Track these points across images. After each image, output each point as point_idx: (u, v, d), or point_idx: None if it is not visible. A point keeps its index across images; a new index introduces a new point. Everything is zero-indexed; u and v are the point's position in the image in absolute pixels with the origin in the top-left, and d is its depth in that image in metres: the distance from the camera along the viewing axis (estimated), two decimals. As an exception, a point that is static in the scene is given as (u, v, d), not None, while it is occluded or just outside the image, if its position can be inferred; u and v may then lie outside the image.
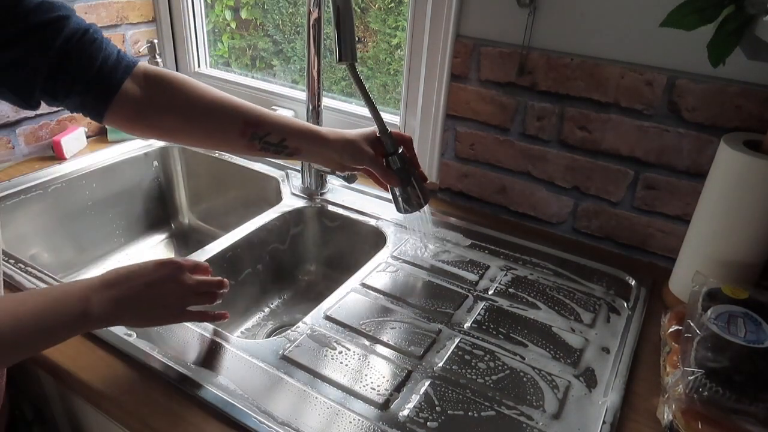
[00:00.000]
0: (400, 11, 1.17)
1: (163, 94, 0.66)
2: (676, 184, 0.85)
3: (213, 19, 1.38)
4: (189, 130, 0.69)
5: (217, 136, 0.70)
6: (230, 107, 0.69)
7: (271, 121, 0.70)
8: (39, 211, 1.03)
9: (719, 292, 0.67)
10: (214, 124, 0.68)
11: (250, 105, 0.70)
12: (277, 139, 0.70)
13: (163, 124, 0.68)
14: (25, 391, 0.83)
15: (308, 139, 0.72)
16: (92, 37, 0.62)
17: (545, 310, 0.78)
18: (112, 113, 0.64)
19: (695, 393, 0.56)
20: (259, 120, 0.69)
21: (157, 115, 0.67)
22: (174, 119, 0.67)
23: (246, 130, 0.68)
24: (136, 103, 0.64)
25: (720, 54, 0.66)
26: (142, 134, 0.69)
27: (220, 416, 0.59)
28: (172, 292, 0.63)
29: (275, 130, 0.70)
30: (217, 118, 0.68)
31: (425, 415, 0.60)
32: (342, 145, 0.72)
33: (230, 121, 0.68)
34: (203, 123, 0.68)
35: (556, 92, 0.89)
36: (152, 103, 0.65)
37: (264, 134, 0.69)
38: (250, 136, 0.69)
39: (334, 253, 1.05)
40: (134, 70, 0.65)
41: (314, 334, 0.71)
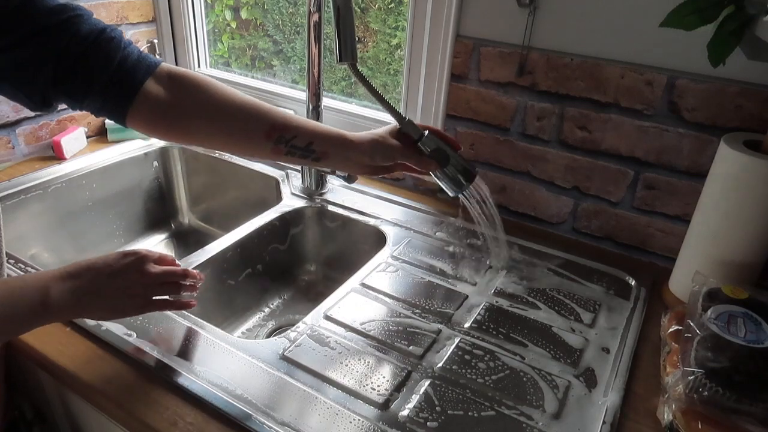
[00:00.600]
0: (400, 11, 1.17)
1: (188, 95, 0.65)
2: (676, 184, 0.85)
3: (213, 19, 1.38)
4: (215, 133, 0.67)
5: (243, 139, 0.68)
6: (256, 110, 0.67)
7: (297, 124, 0.68)
8: (39, 211, 1.03)
9: (719, 292, 0.67)
10: (239, 127, 0.67)
11: (277, 108, 0.69)
12: (304, 143, 0.68)
13: (189, 127, 0.66)
14: (25, 391, 0.83)
15: (336, 143, 0.69)
16: (109, 36, 0.61)
17: (545, 310, 0.78)
18: (134, 114, 0.63)
19: (695, 393, 0.56)
20: (285, 123, 0.67)
21: (182, 117, 0.65)
22: (199, 122, 0.66)
23: (272, 133, 0.67)
24: (160, 105, 0.63)
25: (720, 54, 0.66)
26: (166, 137, 0.68)
27: (221, 416, 0.59)
28: (135, 281, 0.62)
29: (302, 133, 0.68)
30: (242, 121, 0.67)
31: (425, 415, 0.60)
32: (370, 144, 0.70)
33: (256, 124, 0.67)
34: (229, 126, 0.67)
35: (556, 92, 0.89)
36: (178, 105, 0.64)
37: (290, 137, 0.67)
38: (276, 139, 0.67)
39: (334, 253, 1.05)
40: (157, 70, 0.63)
41: (314, 334, 0.71)
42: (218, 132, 0.67)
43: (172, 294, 0.67)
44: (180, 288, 0.67)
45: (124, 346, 0.67)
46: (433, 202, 1.06)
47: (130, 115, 0.63)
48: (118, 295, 0.62)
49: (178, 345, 0.67)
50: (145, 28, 1.28)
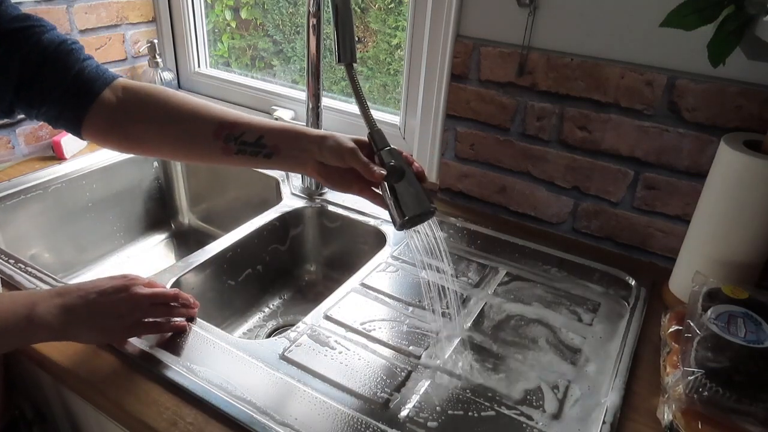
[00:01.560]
0: (400, 11, 1.17)
1: (138, 103, 0.66)
2: (676, 184, 0.85)
3: (213, 19, 1.38)
4: (165, 138, 0.67)
5: (193, 142, 0.67)
6: (205, 111, 0.67)
7: (246, 121, 0.67)
8: (39, 211, 1.03)
9: (719, 292, 0.67)
10: (189, 130, 0.66)
11: (226, 109, 0.68)
12: (254, 138, 0.66)
13: (140, 135, 0.67)
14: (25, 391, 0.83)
15: (287, 136, 0.67)
16: (69, 47, 0.62)
17: (545, 310, 0.78)
18: (89, 124, 0.64)
19: (695, 393, 0.56)
20: (234, 121, 0.67)
21: (133, 126, 0.66)
22: (149, 129, 0.66)
23: (220, 131, 0.66)
24: (111, 114, 0.64)
25: (720, 54, 0.66)
26: (118, 147, 0.68)
27: (220, 416, 0.59)
28: (124, 301, 0.62)
29: (251, 129, 0.66)
30: (191, 123, 0.66)
31: (425, 415, 0.60)
32: (321, 137, 0.66)
33: (204, 124, 0.66)
34: (178, 130, 0.66)
35: (556, 92, 0.89)
36: (129, 115, 0.65)
37: (239, 134, 0.66)
38: (225, 138, 0.66)
39: (334, 253, 1.05)
40: (113, 83, 0.65)
41: (314, 334, 0.71)
42: (168, 137, 0.67)
43: (162, 316, 0.67)
44: (171, 310, 0.67)
45: (124, 346, 0.66)
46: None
47: (85, 126, 0.64)
48: (106, 315, 0.62)
49: (179, 345, 0.67)
50: (145, 28, 1.28)
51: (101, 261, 1.15)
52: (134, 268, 1.16)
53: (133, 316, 0.64)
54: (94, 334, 0.63)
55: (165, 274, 0.80)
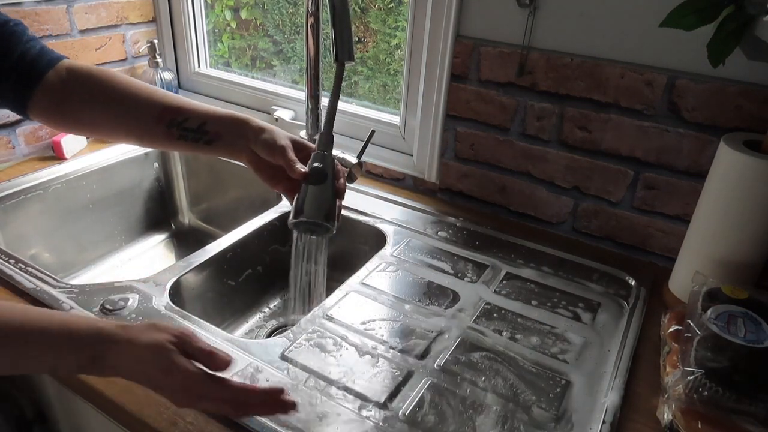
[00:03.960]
0: (400, 11, 1.17)
1: (82, 86, 0.66)
2: (676, 184, 0.85)
3: (213, 19, 1.38)
4: (108, 120, 0.68)
5: (135, 125, 0.67)
6: (148, 95, 0.68)
7: (190, 107, 0.68)
8: (39, 211, 1.03)
9: (719, 292, 0.67)
10: (131, 113, 0.67)
11: (171, 94, 0.69)
12: (196, 124, 0.67)
13: (84, 116, 0.68)
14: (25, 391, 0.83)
15: (228, 123, 0.67)
16: (11, 29, 0.62)
17: (545, 310, 0.78)
18: (34, 106, 0.64)
19: (695, 393, 0.56)
20: (178, 106, 0.67)
21: (77, 107, 0.67)
22: (92, 110, 0.67)
23: (163, 116, 0.66)
24: (56, 96, 0.65)
25: (720, 54, 0.66)
26: (64, 128, 0.69)
27: (221, 416, 0.59)
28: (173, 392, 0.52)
29: (194, 115, 0.67)
30: (134, 106, 0.67)
31: (425, 414, 0.60)
32: (260, 129, 0.67)
33: (148, 108, 0.67)
34: (121, 112, 0.67)
35: (556, 92, 0.89)
36: (72, 95, 0.66)
37: (182, 119, 0.67)
38: (168, 123, 0.66)
39: (334, 253, 1.05)
40: (58, 65, 0.65)
41: (314, 334, 0.71)
42: (111, 119, 0.68)
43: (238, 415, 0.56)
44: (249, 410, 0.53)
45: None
46: (433, 202, 1.06)
47: (31, 108, 0.64)
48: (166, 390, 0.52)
49: (178, 345, 0.67)
50: (145, 28, 1.28)
51: (101, 261, 1.15)
52: (134, 268, 1.16)
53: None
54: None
55: (165, 274, 0.80)
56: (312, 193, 0.63)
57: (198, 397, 0.51)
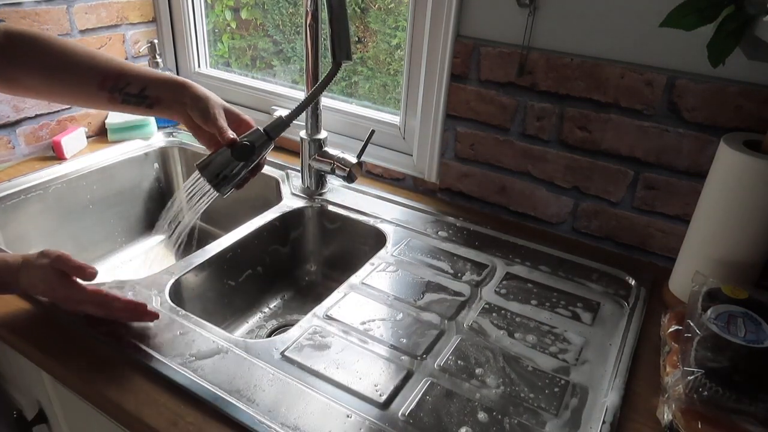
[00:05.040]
0: (400, 11, 1.17)
1: (22, 50, 0.67)
2: (676, 184, 0.85)
3: (213, 19, 1.38)
4: (49, 85, 0.70)
5: (78, 91, 0.70)
6: (90, 61, 0.69)
7: (131, 72, 0.70)
8: (39, 211, 1.03)
9: (719, 292, 0.67)
10: (74, 79, 0.69)
11: (112, 58, 0.71)
12: (137, 89, 0.70)
13: (25, 81, 0.69)
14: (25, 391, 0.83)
15: (168, 87, 0.71)
16: None
17: (545, 310, 0.78)
18: None
19: (695, 393, 0.56)
20: (119, 72, 0.70)
21: (17, 71, 0.68)
22: (33, 75, 0.68)
23: (105, 82, 0.69)
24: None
25: (720, 54, 0.66)
26: (10, 93, 0.71)
27: (220, 416, 0.59)
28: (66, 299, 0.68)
29: (135, 80, 0.70)
30: (75, 72, 0.69)
31: (425, 414, 0.60)
32: (198, 98, 0.71)
33: (90, 74, 0.69)
34: (62, 77, 0.69)
35: (556, 92, 0.89)
36: (12, 60, 0.66)
37: (124, 85, 0.70)
38: (110, 88, 0.69)
39: (334, 253, 1.05)
40: None
41: (315, 334, 0.71)
42: (55, 85, 0.70)
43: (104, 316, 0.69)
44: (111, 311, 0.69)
45: (125, 346, 0.66)
46: (433, 202, 1.06)
47: None
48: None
49: (179, 345, 0.67)
50: (145, 28, 1.28)
51: (101, 261, 1.15)
52: (134, 268, 1.16)
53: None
54: None
55: (165, 274, 0.80)
56: (223, 157, 0.69)
57: (77, 302, 0.67)
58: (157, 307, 0.73)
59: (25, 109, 1.09)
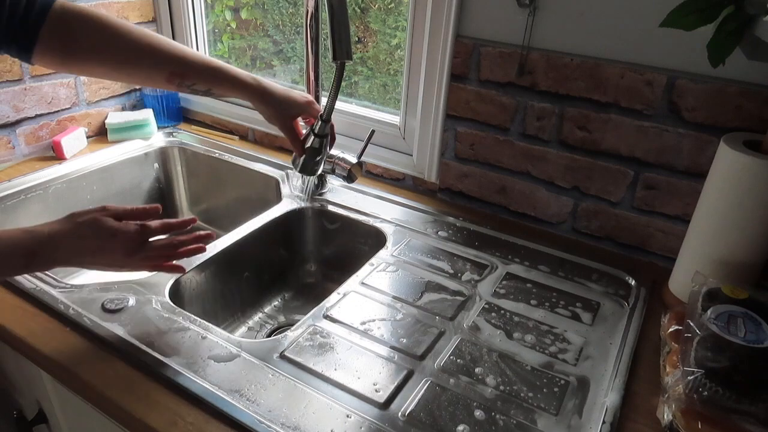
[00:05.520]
0: (400, 11, 1.17)
1: (80, 37, 0.67)
2: (676, 184, 0.85)
3: (213, 19, 1.38)
4: (115, 74, 0.73)
5: (145, 79, 0.75)
6: (154, 52, 0.71)
7: (196, 70, 0.73)
8: (39, 211, 1.03)
9: (719, 292, 0.67)
10: (138, 69, 0.72)
11: (175, 49, 0.72)
12: (204, 88, 0.75)
13: (90, 69, 0.71)
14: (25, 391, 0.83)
15: (235, 92, 0.77)
16: None
17: (545, 310, 0.78)
18: (38, 59, 0.66)
19: (695, 393, 0.56)
20: (184, 70, 0.72)
21: (81, 59, 0.69)
22: (93, 62, 0.70)
23: (172, 78, 0.72)
24: (56, 49, 0.66)
25: (720, 54, 0.66)
26: (73, 72, 0.75)
27: (221, 416, 0.59)
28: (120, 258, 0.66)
29: (201, 80, 0.74)
30: (141, 63, 0.71)
31: (425, 414, 0.60)
32: (265, 103, 0.78)
33: (156, 68, 0.71)
34: (128, 69, 0.71)
35: (556, 92, 0.89)
36: (72, 48, 0.67)
37: (191, 83, 0.73)
38: (178, 84, 0.73)
39: (334, 253, 1.05)
40: (50, 14, 0.65)
41: (314, 334, 0.71)
42: (118, 73, 0.73)
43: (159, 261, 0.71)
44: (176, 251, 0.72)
45: (125, 346, 0.67)
46: (433, 202, 1.06)
47: (35, 62, 0.67)
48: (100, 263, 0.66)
49: (179, 345, 0.67)
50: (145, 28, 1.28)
51: (101, 261, 1.14)
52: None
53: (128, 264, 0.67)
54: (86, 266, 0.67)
55: (165, 274, 0.80)
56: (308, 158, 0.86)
57: (138, 250, 0.66)
58: (158, 307, 0.73)
59: (25, 109, 1.09)
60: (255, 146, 1.25)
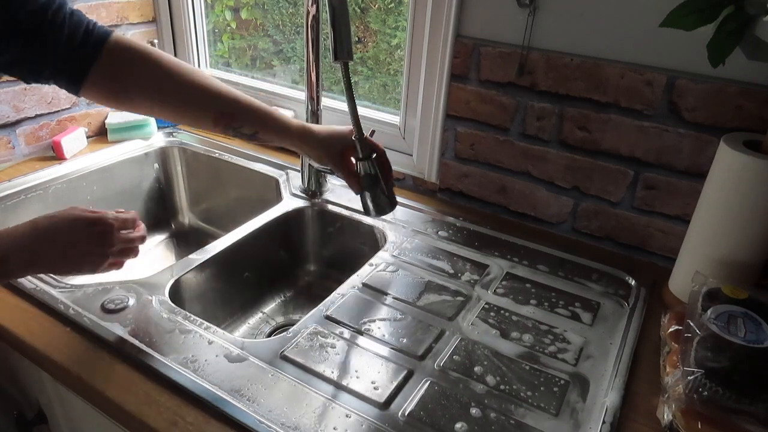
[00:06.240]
0: (400, 11, 1.17)
1: (131, 72, 0.66)
2: (676, 184, 0.85)
3: (213, 20, 1.38)
4: (159, 110, 0.72)
5: (190, 121, 0.73)
6: (203, 94, 0.70)
7: (244, 114, 0.72)
8: (39, 211, 1.02)
9: (719, 292, 0.67)
10: (186, 110, 0.71)
11: (222, 91, 0.71)
12: (251, 132, 0.74)
13: (133, 103, 0.69)
14: (25, 391, 0.83)
15: (280, 136, 0.76)
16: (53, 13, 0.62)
17: (545, 310, 0.78)
18: (86, 90, 0.66)
19: (695, 393, 0.56)
20: (232, 114, 0.71)
21: (126, 93, 0.68)
22: (141, 99, 0.69)
23: (219, 120, 0.71)
24: (106, 81, 0.65)
25: (720, 54, 0.66)
26: (116, 109, 0.74)
27: (221, 416, 0.59)
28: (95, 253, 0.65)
29: (248, 123, 0.73)
30: (188, 105, 0.70)
31: (426, 414, 0.60)
32: (309, 145, 0.76)
33: (203, 110, 0.71)
34: (174, 106, 0.70)
35: (556, 92, 0.89)
36: (122, 83, 0.66)
37: (238, 126, 0.72)
38: (224, 126, 0.72)
39: (334, 253, 1.05)
40: (105, 46, 0.65)
41: (314, 334, 0.71)
42: (165, 111, 0.72)
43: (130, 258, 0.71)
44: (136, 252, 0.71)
45: (125, 346, 0.67)
46: (433, 202, 1.06)
47: (83, 92, 0.66)
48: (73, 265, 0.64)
49: (179, 345, 0.67)
50: (145, 28, 1.28)
51: (101, 261, 1.14)
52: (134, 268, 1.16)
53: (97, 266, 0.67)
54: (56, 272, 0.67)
55: (165, 274, 0.80)
56: (374, 195, 0.79)
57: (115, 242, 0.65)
58: (158, 307, 0.73)
59: (25, 109, 1.09)
60: (255, 146, 1.25)
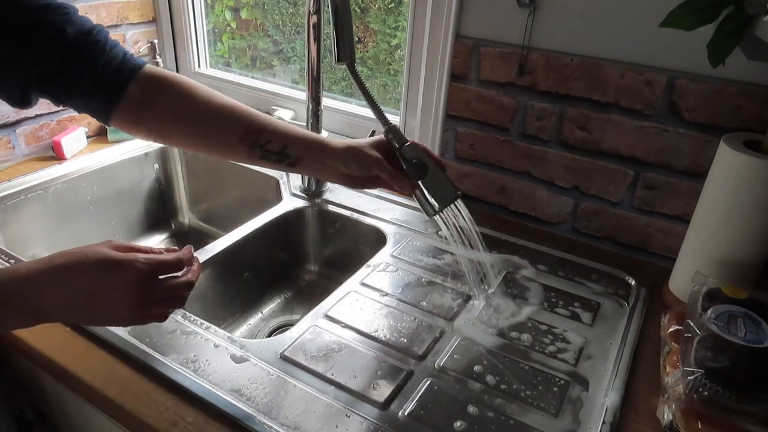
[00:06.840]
0: (400, 11, 1.17)
1: (161, 97, 0.65)
2: (676, 184, 0.85)
3: (213, 19, 1.38)
4: (190, 136, 0.68)
5: (218, 143, 0.68)
6: (230, 112, 0.67)
7: (272, 128, 0.68)
8: (39, 211, 1.03)
9: (719, 292, 0.67)
10: (214, 131, 0.67)
11: (253, 111, 0.68)
12: (279, 147, 0.68)
13: (165, 130, 0.67)
14: (25, 391, 0.83)
15: (310, 148, 0.69)
16: (95, 39, 0.62)
17: (545, 310, 0.78)
18: (117, 116, 0.64)
19: (695, 393, 0.56)
20: (260, 127, 0.67)
21: (158, 120, 0.66)
22: (174, 125, 0.66)
23: (246, 137, 0.66)
24: (138, 109, 0.64)
25: (720, 54, 0.66)
26: (145, 137, 0.68)
27: (220, 416, 0.59)
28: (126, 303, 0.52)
29: (277, 137, 0.67)
30: (217, 125, 0.67)
31: (426, 414, 0.60)
32: (344, 152, 0.68)
33: (230, 127, 0.67)
34: (203, 130, 0.67)
35: (556, 92, 0.89)
36: (151, 107, 0.65)
37: (265, 142, 0.67)
38: (251, 143, 0.67)
39: (334, 253, 1.05)
40: (139, 74, 0.64)
41: (314, 334, 0.71)
42: (193, 135, 0.68)
43: (176, 307, 0.58)
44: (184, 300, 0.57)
45: (125, 346, 0.67)
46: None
47: (114, 118, 0.64)
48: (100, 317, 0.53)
49: (179, 345, 0.67)
50: (145, 28, 1.28)
51: (101, 261, 1.14)
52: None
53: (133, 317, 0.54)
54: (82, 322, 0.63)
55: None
56: (429, 185, 0.67)
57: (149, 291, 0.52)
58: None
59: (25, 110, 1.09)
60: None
